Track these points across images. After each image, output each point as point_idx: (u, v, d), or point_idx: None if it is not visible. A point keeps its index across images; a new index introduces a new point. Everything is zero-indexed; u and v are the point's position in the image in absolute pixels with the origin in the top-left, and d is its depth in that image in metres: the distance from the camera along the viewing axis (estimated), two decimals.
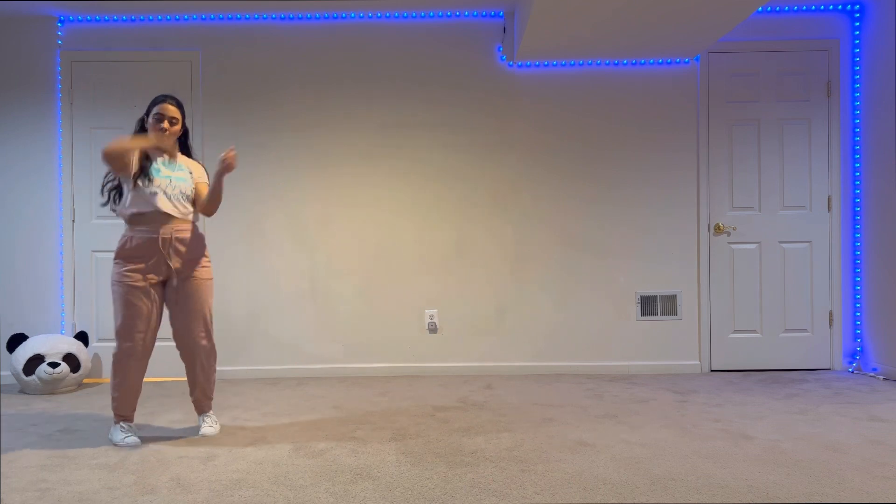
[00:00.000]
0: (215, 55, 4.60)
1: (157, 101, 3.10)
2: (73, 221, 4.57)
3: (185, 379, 3.24)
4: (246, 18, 4.60)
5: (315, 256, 4.61)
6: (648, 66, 4.63)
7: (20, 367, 4.08)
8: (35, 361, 4.08)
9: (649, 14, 3.77)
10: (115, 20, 4.58)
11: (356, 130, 4.63)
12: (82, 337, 4.38)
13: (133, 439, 2.98)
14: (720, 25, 3.96)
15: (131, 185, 2.99)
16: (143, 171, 2.99)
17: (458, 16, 4.61)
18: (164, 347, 4.56)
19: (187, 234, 3.05)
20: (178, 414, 3.53)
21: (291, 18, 4.61)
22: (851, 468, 2.56)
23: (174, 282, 3.04)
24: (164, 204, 2.98)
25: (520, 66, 4.62)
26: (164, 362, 4.57)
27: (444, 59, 4.63)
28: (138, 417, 3.46)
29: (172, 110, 3.07)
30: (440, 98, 4.63)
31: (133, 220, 3.00)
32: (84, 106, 4.57)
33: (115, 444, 2.96)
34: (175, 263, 3.01)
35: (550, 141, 4.64)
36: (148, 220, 2.98)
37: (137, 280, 2.98)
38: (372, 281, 4.62)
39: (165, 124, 3.04)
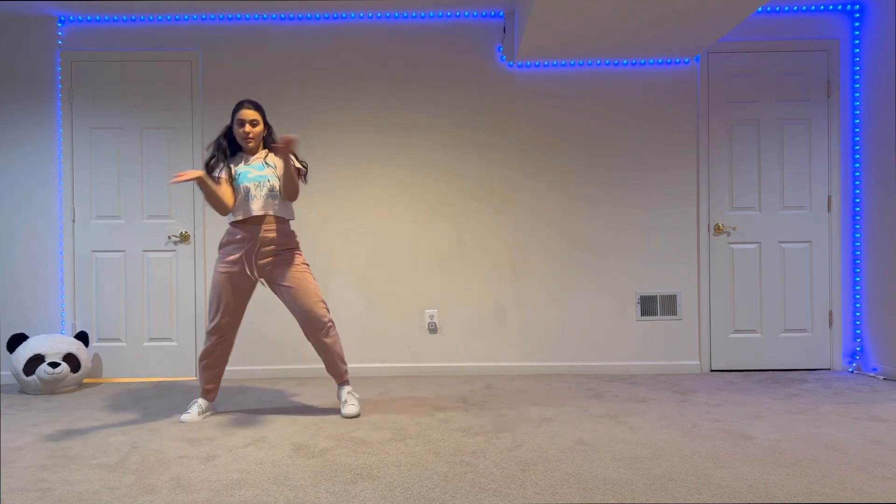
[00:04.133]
0: (215, 55, 4.60)
1: (236, 108, 3.31)
2: (73, 221, 4.57)
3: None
4: (246, 18, 4.60)
5: (315, 256, 4.60)
6: (648, 67, 4.63)
7: (20, 366, 4.08)
8: (35, 361, 4.08)
9: (649, 14, 3.77)
10: (115, 20, 4.58)
11: (356, 130, 4.63)
12: (82, 337, 4.38)
13: (186, 416, 3.35)
14: (720, 25, 3.96)
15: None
16: (233, 179, 3.27)
17: (458, 16, 4.62)
18: (165, 347, 4.59)
19: (275, 234, 3.28)
20: (179, 413, 3.53)
21: (291, 18, 4.61)
22: (851, 468, 2.56)
23: (273, 277, 3.32)
24: (255, 206, 3.22)
25: (520, 66, 4.62)
26: (165, 362, 4.59)
27: (444, 59, 4.63)
28: (137, 416, 3.47)
29: (251, 114, 3.28)
30: (440, 98, 4.63)
31: (234, 224, 3.29)
32: (84, 106, 4.58)
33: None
34: (265, 260, 3.27)
35: (550, 141, 4.64)
36: (242, 223, 3.26)
37: (228, 273, 3.27)
38: (372, 281, 4.63)
39: (248, 128, 3.27)
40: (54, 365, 4.07)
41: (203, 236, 4.57)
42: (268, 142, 3.39)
